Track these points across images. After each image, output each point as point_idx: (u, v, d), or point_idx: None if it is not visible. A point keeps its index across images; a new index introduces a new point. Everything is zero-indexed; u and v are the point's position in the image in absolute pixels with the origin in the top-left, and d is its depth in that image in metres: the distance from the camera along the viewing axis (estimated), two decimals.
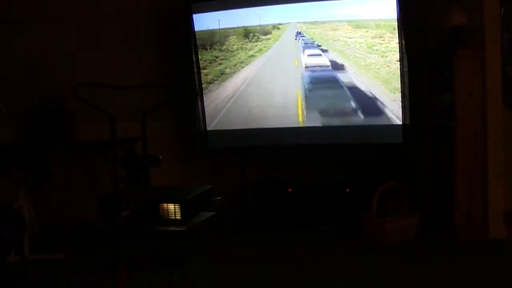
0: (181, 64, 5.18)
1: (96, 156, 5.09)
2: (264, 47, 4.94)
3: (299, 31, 4.84)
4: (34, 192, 4.29)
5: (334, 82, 4.76)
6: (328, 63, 4.78)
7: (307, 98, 4.84)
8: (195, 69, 5.10)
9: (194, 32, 5.04)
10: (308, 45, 4.81)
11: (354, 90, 4.71)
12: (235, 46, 5.02)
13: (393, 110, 4.61)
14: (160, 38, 5.30)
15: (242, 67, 5.02)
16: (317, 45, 4.79)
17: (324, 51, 4.79)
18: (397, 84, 4.56)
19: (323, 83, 4.80)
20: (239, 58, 5.02)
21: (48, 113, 4.80)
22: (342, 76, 4.73)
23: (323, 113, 4.82)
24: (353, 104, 4.72)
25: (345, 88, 4.73)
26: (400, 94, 4.56)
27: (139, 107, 4.51)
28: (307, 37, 4.81)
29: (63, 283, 3.73)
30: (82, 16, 5.07)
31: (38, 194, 4.40)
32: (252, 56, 4.98)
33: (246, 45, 4.98)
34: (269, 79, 4.96)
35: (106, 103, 4.41)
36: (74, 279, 3.76)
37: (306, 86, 4.83)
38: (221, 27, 5.02)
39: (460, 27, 4.34)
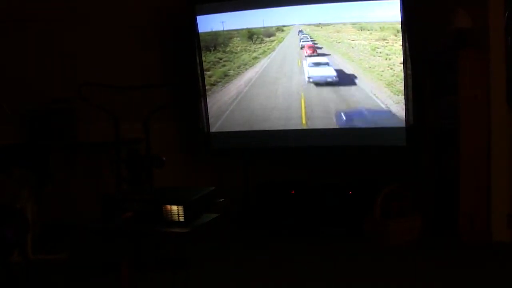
0: (185, 65, 5.18)
1: (99, 156, 5.08)
2: (268, 49, 4.94)
3: (300, 29, 4.84)
4: (37, 192, 4.29)
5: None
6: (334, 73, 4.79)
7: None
8: (199, 71, 5.10)
9: (198, 33, 5.05)
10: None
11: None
12: (238, 48, 5.02)
13: (397, 112, 4.60)
14: (164, 40, 5.29)
15: (246, 69, 5.03)
16: (314, 42, 4.80)
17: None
18: (401, 86, 4.56)
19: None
20: (243, 60, 5.02)
21: (52, 113, 4.80)
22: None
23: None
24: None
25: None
26: (403, 97, 4.56)
27: (142, 108, 4.51)
28: (306, 34, 4.81)
29: (65, 283, 3.73)
30: (87, 16, 5.07)
31: (41, 194, 4.40)
32: (256, 58, 4.99)
33: (250, 47, 4.99)
34: (273, 81, 4.96)
35: (110, 104, 4.41)
36: (76, 280, 3.76)
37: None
38: (225, 29, 5.02)
39: (464, 30, 4.34)
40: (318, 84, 4.82)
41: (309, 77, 4.84)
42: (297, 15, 4.85)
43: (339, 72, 4.75)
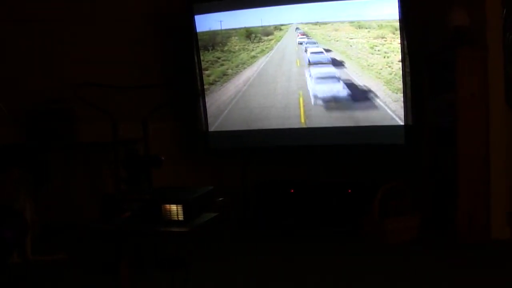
0: (183, 65, 5.18)
1: (97, 156, 5.08)
2: (266, 48, 4.94)
3: (297, 27, 4.84)
4: (35, 192, 4.28)
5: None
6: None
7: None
8: (197, 70, 5.10)
9: (196, 33, 5.04)
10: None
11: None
12: (237, 47, 5.02)
13: (395, 110, 4.60)
14: (162, 39, 5.29)
15: (244, 68, 5.02)
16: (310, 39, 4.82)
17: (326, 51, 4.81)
18: (399, 84, 4.56)
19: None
20: (241, 59, 5.01)
21: (49, 113, 4.79)
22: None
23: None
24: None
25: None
26: (402, 95, 4.56)
27: (140, 108, 4.50)
28: (302, 31, 4.82)
29: (65, 283, 3.73)
30: (84, 16, 5.07)
31: (39, 195, 4.40)
32: (254, 57, 4.98)
33: (248, 46, 4.98)
34: (271, 80, 4.96)
35: (108, 104, 4.40)
36: (75, 280, 3.75)
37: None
38: (223, 28, 5.02)
39: (462, 27, 4.34)
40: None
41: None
42: (295, 14, 4.85)
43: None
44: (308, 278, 3.70)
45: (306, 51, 4.85)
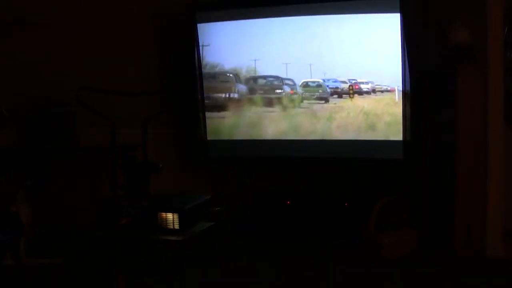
0: (184, 72, 5.18)
1: (96, 161, 5.08)
2: None
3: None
4: (34, 195, 4.28)
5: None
6: None
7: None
8: (198, 78, 5.10)
9: (198, 41, 5.04)
10: None
11: None
12: None
13: (395, 125, 4.59)
14: (163, 46, 5.30)
15: None
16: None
17: None
18: (399, 100, 4.56)
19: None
20: None
21: (50, 117, 4.80)
22: None
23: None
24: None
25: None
26: (401, 109, 4.56)
27: (140, 114, 4.52)
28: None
29: None
30: (85, 22, 5.07)
31: (37, 198, 4.39)
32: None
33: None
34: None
35: (108, 109, 4.41)
36: (70, 285, 3.74)
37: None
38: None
39: (463, 44, 4.35)
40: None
41: None
42: (298, 25, 4.83)
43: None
44: None
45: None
